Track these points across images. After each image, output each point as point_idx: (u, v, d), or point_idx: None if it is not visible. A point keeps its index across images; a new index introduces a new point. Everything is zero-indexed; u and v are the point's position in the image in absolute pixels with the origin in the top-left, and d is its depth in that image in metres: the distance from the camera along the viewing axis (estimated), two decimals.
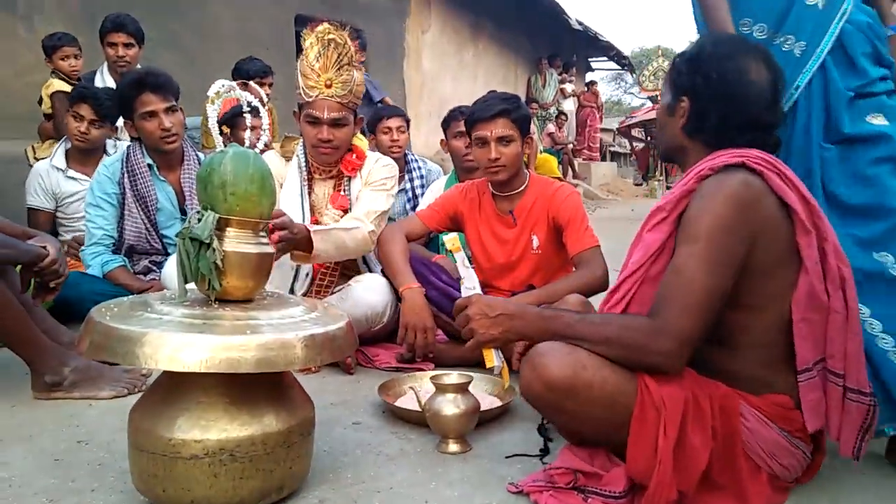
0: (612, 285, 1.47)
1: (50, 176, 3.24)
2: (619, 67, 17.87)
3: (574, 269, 2.39)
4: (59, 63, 3.90)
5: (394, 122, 3.69)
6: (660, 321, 1.31)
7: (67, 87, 3.86)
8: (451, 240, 1.80)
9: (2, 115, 4.46)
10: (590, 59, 16.42)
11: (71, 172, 3.27)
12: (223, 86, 1.49)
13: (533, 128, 6.99)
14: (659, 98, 1.66)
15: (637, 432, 1.30)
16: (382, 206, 2.51)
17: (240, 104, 3.45)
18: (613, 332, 1.35)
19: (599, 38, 13.96)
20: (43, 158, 3.72)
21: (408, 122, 3.82)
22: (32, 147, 3.83)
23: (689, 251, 1.32)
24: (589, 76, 16.57)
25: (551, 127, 11.12)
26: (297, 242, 2.20)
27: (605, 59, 16.35)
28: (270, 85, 4.46)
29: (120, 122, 3.22)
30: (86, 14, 4.99)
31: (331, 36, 2.34)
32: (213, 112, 1.49)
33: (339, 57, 2.36)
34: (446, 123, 3.44)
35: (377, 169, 2.58)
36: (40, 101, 3.96)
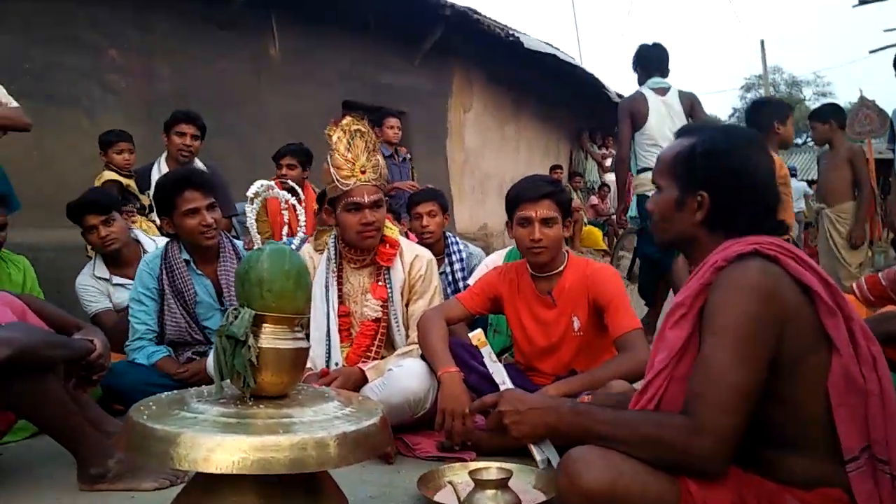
0: (641, 385, 1.43)
1: (99, 285, 3.31)
2: None
3: (617, 352, 2.34)
4: (113, 157, 4.13)
5: (423, 208, 3.65)
6: (697, 420, 1.26)
7: (117, 177, 4.07)
8: (476, 335, 1.80)
9: (63, 205, 4.68)
10: None
11: (116, 280, 3.32)
12: (262, 186, 1.54)
13: (578, 201, 6.98)
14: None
15: None
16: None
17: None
18: (650, 433, 1.30)
19: None
20: None
21: (442, 205, 3.73)
22: None
23: (717, 345, 1.28)
24: None
25: (594, 199, 11.12)
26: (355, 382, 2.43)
27: None
28: (290, 167, 4.60)
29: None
30: (145, 109, 5.29)
31: (356, 127, 2.51)
32: (252, 211, 1.53)
33: (366, 144, 2.52)
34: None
35: (417, 264, 2.69)
36: None
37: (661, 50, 4.58)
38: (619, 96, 12.33)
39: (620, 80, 12.43)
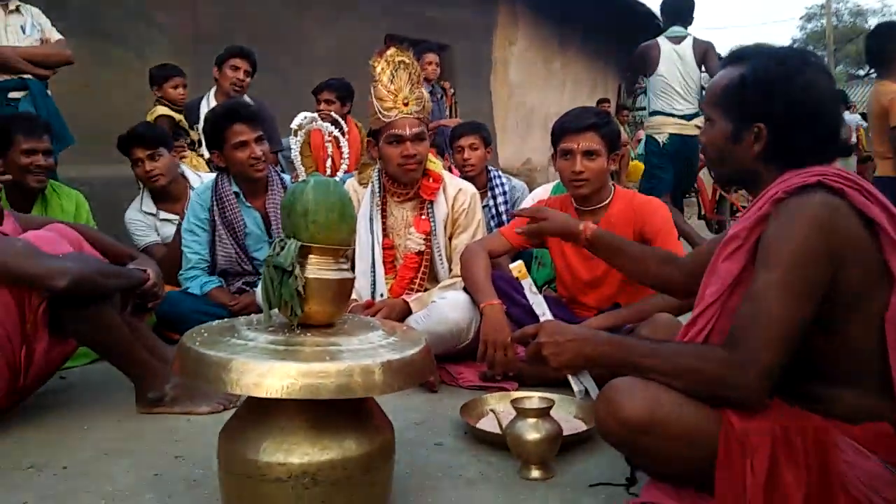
0: (690, 317, 1.41)
1: (146, 219, 3.38)
2: None
3: None
4: (169, 91, 4.17)
5: (465, 141, 3.66)
6: (739, 353, 1.24)
7: (170, 112, 4.11)
8: (516, 267, 1.79)
9: (114, 140, 4.77)
10: None
11: (163, 215, 3.37)
12: (305, 118, 1.53)
13: (625, 135, 6.93)
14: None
15: (723, 471, 1.23)
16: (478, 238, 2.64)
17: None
18: (689, 364, 1.29)
19: None
20: None
21: (485, 138, 3.73)
22: None
23: (768, 279, 1.25)
24: None
25: (642, 133, 10.84)
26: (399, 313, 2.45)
27: None
28: (329, 102, 4.59)
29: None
30: (191, 45, 5.30)
31: (400, 58, 2.48)
32: (296, 144, 1.53)
33: (409, 76, 2.49)
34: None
35: (461, 198, 2.68)
36: None
37: (685, 1, 4.90)
38: None
39: None
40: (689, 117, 4.78)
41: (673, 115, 4.78)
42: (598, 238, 1.87)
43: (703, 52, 4.76)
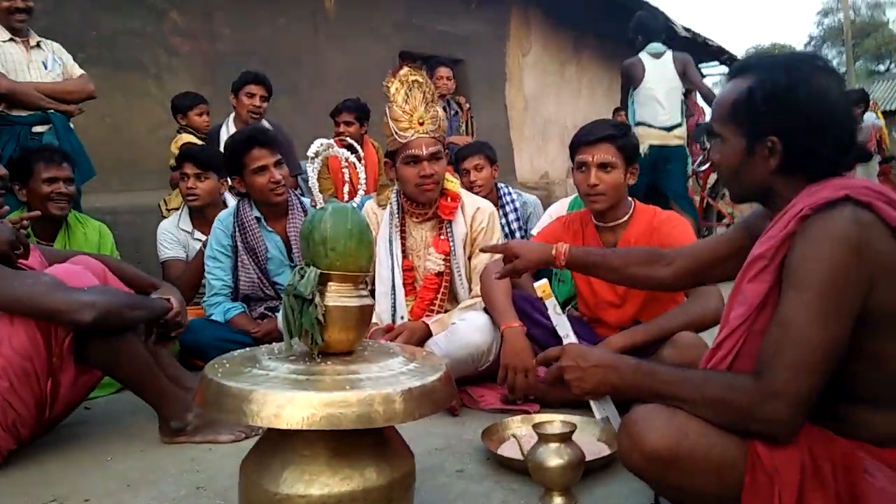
0: (714, 342, 1.37)
1: (179, 235, 3.42)
2: None
3: (686, 298, 2.29)
4: (194, 119, 4.22)
5: (469, 163, 3.66)
6: (768, 383, 1.20)
7: (194, 139, 4.16)
8: (541, 287, 1.78)
9: (137, 169, 4.84)
10: (700, 65, 15.81)
11: (198, 235, 3.40)
12: (321, 145, 1.54)
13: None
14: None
15: (751, 501, 1.20)
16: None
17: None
18: (717, 395, 1.25)
19: (709, 43, 13.42)
20: (174, 209, 4.00)
21: (489, 157, 3.71)
22: (164, 200, 4.12)
23: (797, 302, 1.20)
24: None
25: None
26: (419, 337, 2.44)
27: (716, 63, 15.70)
28: (348, 123, 4.61)
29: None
30: (208, 70, 5.37)
31: (413, 77, 2.49)
32: (313, 171, 1.54)
33: (423, 95, 2.50)
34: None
35: (479, 217, 2.67)
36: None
37: (659, 18, 5.32)
38: (686, 30, 11.81)
39: (688, 12, 11.81)
40: (670, 128, 4.97)
41: (654, 127, 4.95)
42: (574, 258, 1.89)
43: (683, 65, 5.07)
